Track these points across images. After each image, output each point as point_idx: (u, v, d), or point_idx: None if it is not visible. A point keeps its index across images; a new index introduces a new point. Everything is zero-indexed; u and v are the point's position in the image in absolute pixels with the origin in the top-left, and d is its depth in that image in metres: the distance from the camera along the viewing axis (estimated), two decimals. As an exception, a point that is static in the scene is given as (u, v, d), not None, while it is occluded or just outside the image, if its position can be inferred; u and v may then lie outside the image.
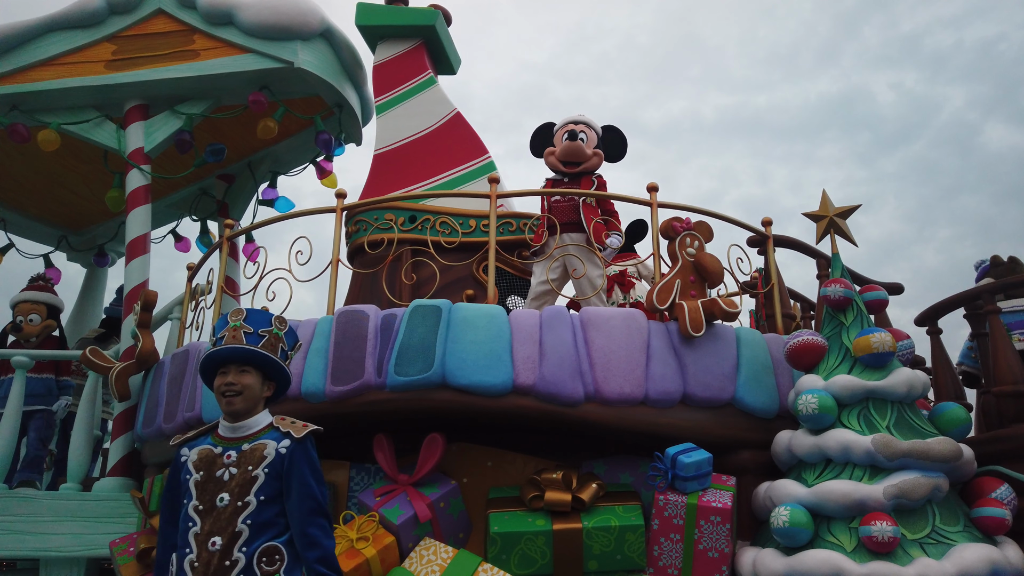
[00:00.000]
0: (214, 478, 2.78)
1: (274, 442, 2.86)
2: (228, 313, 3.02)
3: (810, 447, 3.81)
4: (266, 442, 2.86)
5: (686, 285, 4.32)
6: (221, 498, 2.75)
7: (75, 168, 7.03)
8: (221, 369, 2.94)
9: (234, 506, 2.73)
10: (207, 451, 2.87)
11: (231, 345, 2.93)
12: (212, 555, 2.66)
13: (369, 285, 5.22)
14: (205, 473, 2.80)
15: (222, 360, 2.94)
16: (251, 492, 2.75)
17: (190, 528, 2.73)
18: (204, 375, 3.02)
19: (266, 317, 3.03)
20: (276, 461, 2.82)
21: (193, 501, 2.76)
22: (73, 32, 6.06)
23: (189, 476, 2.82)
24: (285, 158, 7.32)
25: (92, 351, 5.36)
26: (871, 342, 3.87)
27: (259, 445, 2.85)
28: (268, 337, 2.98)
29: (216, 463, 2.82)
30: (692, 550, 3.78)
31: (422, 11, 6.31)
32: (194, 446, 2.91)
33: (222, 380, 2.91)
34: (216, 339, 2.99)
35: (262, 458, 2.81)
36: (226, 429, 2.92)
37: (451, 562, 3.71)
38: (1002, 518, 3.59)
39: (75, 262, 8.27)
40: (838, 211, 4.55)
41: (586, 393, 4.01)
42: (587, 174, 5.17)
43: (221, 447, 2.87)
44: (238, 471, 2.78)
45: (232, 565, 2.67)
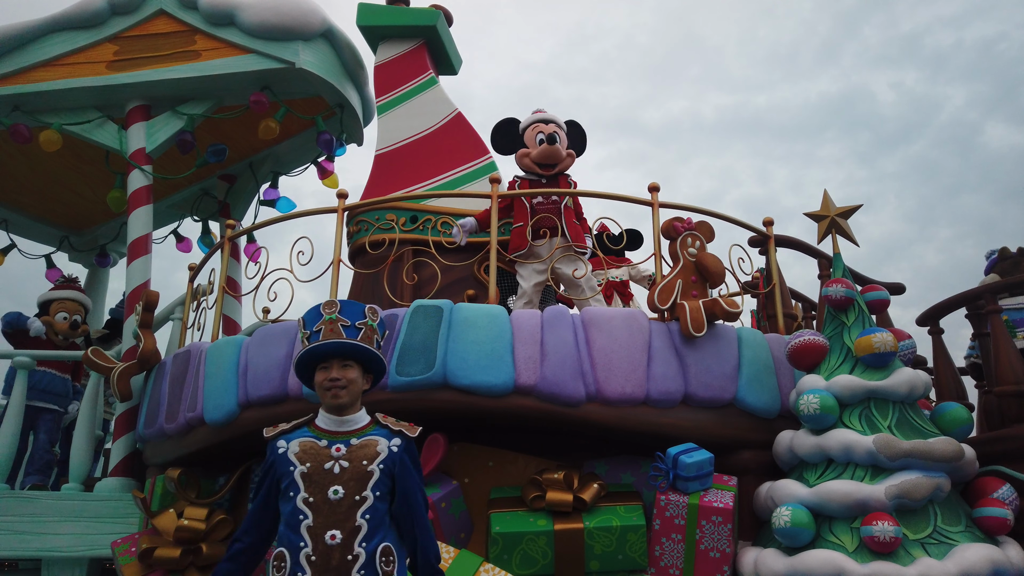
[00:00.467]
0: (323, 470, 2.73)
1: (385, 440, 2.85)
2: (320, 305, 2.94)
3: (812, 447, 3.81)
4: (376, 438, 2.84)
5: (687, 285, 4.31)
6: (335, 490, 2.70)
7: (77, 169, 7.04)
8: (322, 364, 2.87)
9: (351, 500, 2.70)
10: (311, 443, 2.80)
11: (336, 340, 2.87)
12: (331, 549, 2.62)
13: (370, 285, 5.23)
14: (312, 465, 2.74)
15: (325, 355, 2.87)
16: (367, 487, 2.73)
17: (302, 521, 2.66)
18: (299, 368, 2.94)
19: (360, 308, 2.96)
20: (389, 459, 2.80)
21: (302, 493, 2.69)
22: (75, 33, 6.07)
23: (293, 468, 2.74)
24: (286, 158, 7.33)
25: (94, 351, 5.37)
26: (873, 342, 3.87)
27: (371, 441, 2.82)
28: (365, 329, 2.93)
29: (323, 455, 2.76)
30: (694, 550, 3.78)
31: (423, 11, 6.31)
32: (291, 438, 2.83)
33: (325, 375, 2.84)
34: (310, 332, 2.90)
35: (376, 454, 2.79)
36: (330, 423, 2.86)
37: (452, 562, 3.71)
38: (1004, 518, 3.59)
39: (77, 263, 8.29)
40: (839, 211, 4.55)
41: (587, 393, 4.01)
42: (562, 174, 5.17)
43: (326, 440, 2.81)
44: (350, 465, 2.75)
45: (354, 560, 2.64)
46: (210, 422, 4.41)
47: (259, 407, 4.26)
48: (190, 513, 4.29)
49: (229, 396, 4.35)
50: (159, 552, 4.19)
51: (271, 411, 4.18)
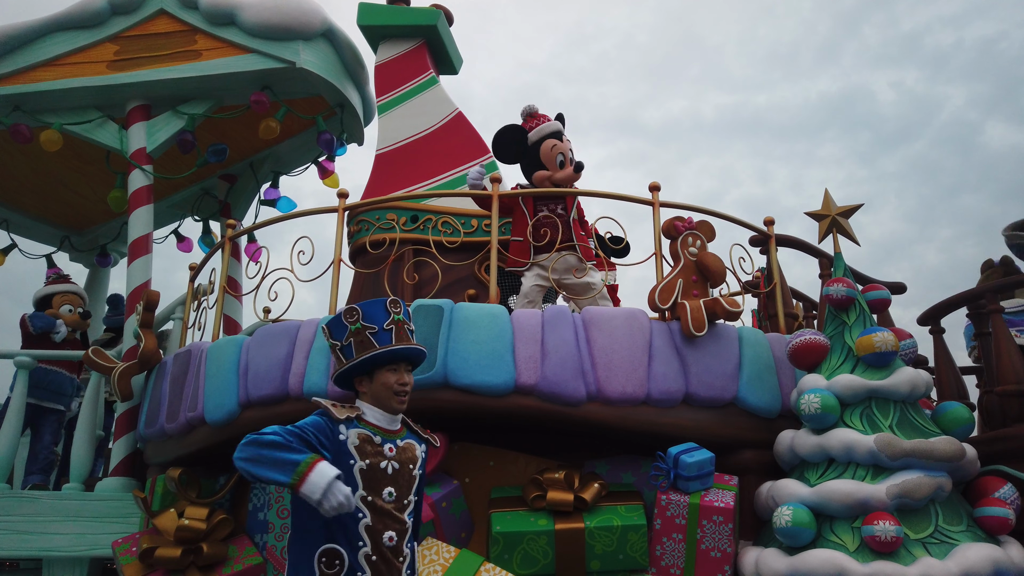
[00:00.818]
0: (379, 469, 2.70)
1: (419, 445, 2.90)
2: (384, 301, 2.88)
3: (813, 447, 3.80)
4: (413, 443, 2.88)
5: (688, 285, 4.31)
6: (389, 492, 2.69)
7: (77, 168, 7.04)
8: (392, 366, 2.82)
9: (400, 503, 2.72)
10: (367, 436, 2.74)
11: (416, 347, 2.87)
12: (388, 550, 2.64)
13: (371, 285, 5.22)
14: (371, 462, 2.69)
15: (401, 358, 2.84)
16: (412, 491, 2.78)
17: (361, 519, 2.61)
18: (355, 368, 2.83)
19: (407, 312, 2.96)
20: (423, 464, 2.89)
21: (360, 491, 2.64)
22: (75, 32, 6.07)
23: (353, 461, 2.66)
24: (287, 158, 7.33)
25: (95, 351, 5.37)
26: (874, 341, 3.87)
27: (410, 444, 2.86)
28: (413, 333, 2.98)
29: (379, 454, 2.73)
30: (694, 550, 3.77)
31: (424, 11, 6.31)
32: (349, 427, 2.74)
33: (398, 378, 2.81)
34: (378, 329, 2.82)
35: (416, 459, 2.85)
36: (384, 420, 2.82)
37: (453, 562, 3.71)
38: (1005, 518, 3.59)
39: (77, 262, 8.29)
40: (840, 210, 4.55)
41: (588, 393, 4.01)
42: None
43: (380, 437, 2.77)
44: (400, 467, 2.76)
45: (404, 560, 2.68)
46: (211, 422, 4.41)
47: (260, 407, 4.26)
48: (191, 513, 4.28)
49: (230, 396, 4.35)
50: (160, 552, 4.19)
51: (272, 411, 4.18)
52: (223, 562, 4.22)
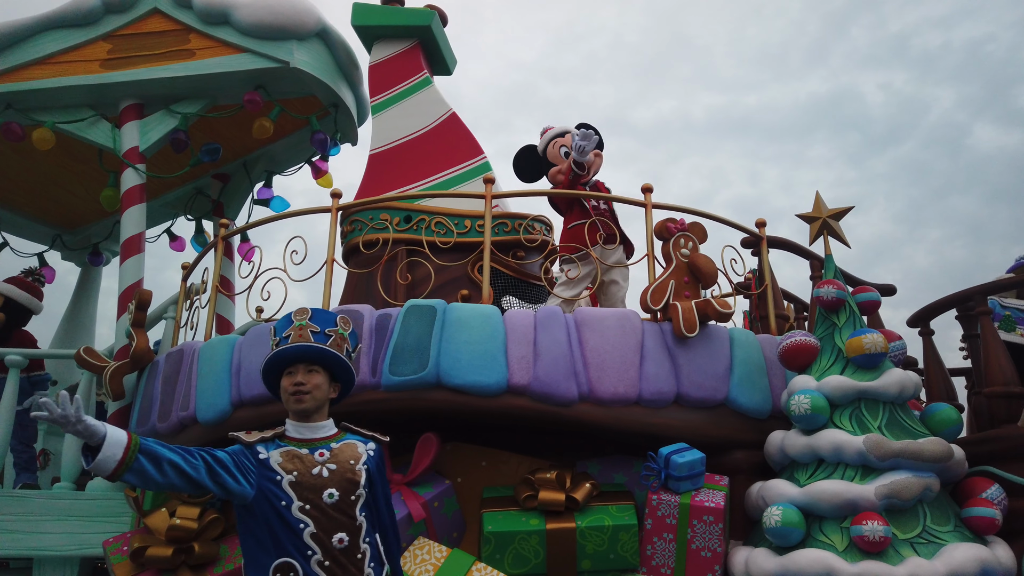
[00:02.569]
0: (311, 475, 2.73)
1: (362, 444, 2.92)
2: (291, 312, 2.97)
3: (802, 447, 3.83)
4: (354, 442, 2.91)
5: (680, 286, 4.33)
6: (330, 494, 2.72)
7: (70, 167, 7.02)
8: (288, 369, 2.89)
9: (347, 500, 2.74)
10: (292, 452, 2.79)
11: (302, 343, 2.88)
12: (341, 552, 2.66)
13: (364, 285, 5.23)
14: (299, 473, 2.72)
15: (290, 359, 2.88)
16: (360, 486, 2.79)
17: (303, 530, 2.65)
18: (267, 376, 2.98)
19: (331, 317, 3.00)
20: (369, 461, 2.88)
21: (296, 502, 2.67)
22: (68, 31, 6.05)
23: (280, 477, 2.70)
24: (281, 158, 7.31)
25: (86, 350, 5.36)
26: (863, 343, 3.90)
27: (350, 444, 2.89)
28: (335, 337, 2.95)
29: (308, 462, 2.76)
30: (685, 550, 3.79)
31: (418, 11, 6.31)
32: (270, 448, 2.79)
33: (290, 380, 2.86)
34: (280, 339, 2.92)
35: (359, 455, 2.86)
36: (302, 431, 2.86)
37: (445, 561, 3.72)
38: (992, 518, 3.62)
39: (69, 261, 8.26)
40: (831, 212, 4.57)
41: (580, 393, 4.02)
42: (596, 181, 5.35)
43: (306, 448, 2.81)
44: (337, 467, 2.78)
45: (363, 557, 2.71)
46: (203, 421, 4.41)
47: (252, 407, 4.26)
48: (182, 512, 4.27)
49: (222, 395, 4.35)
50: (151, 551, 4.18)
51: (264, 411, 4.18)
52: (214, 562, 4.21)
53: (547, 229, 5.46)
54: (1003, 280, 4.91)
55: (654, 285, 4.31)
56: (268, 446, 2.81)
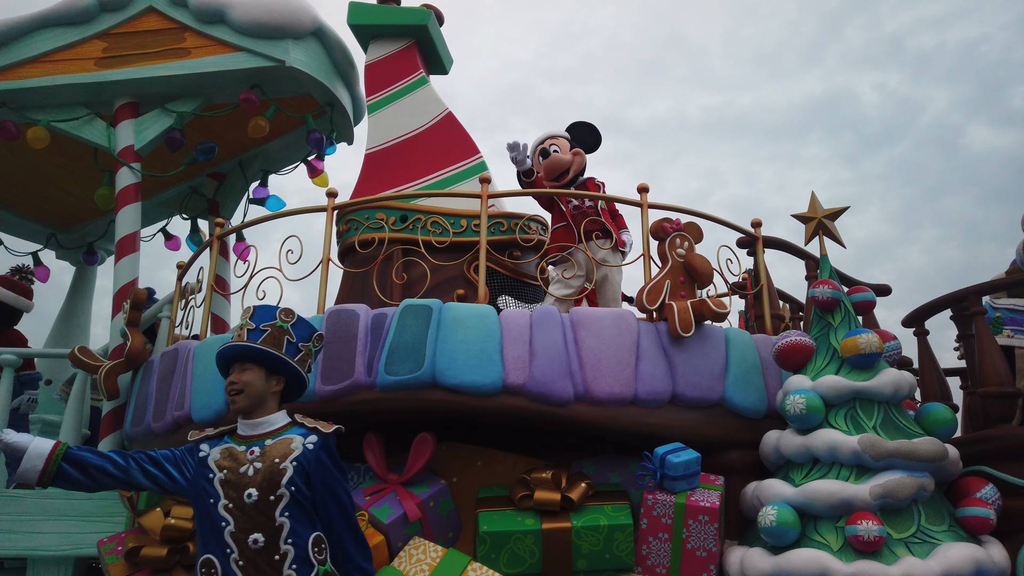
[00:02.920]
0: (238, 474, 2.77)
1: (300, 437, 2.87)
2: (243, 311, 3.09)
3: (798, 447, 3.83)
4: (292, 436, 2.87)
5: (676, 286, 4.34)
6: (248, 494, 2.72)
7: (64, 166, 7.00)
8: (226, 371, 2.98)
9: (266, 501, 2.72)
10: (230, 449, 2.85)
11: (225, 345, 2.96)
12: (256, 552, 2.65)
13: (360, 284, 5.22)
14: (229, 471, 2.78)
15: (228, 361, 2.96)
16: (281, 485, 2.75)
17: (224, 528, 2.69)
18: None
19: (271, 311, 3.02)
20: (303, 456, 2.82)
21: (222, 500, 2.73)
22: (63, 29, 6.03)
23: (213, 475, 2.78)
24: (276, 157, 7.31)
25: (81, 349, 5.34)
26: (858, 343, 3.90)
27: (284, 439, 2.86)
28: (271, 331, 2.96)
29: (240, 460, 2.81)
30: (680, 549, 3.80)
31: (414, 11, 6.31)
32: (214, 445, 2.89)
33: (228, 379, 2.95)
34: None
35: (289, 451, 2.81)
36: (245, 427, 2.92)
37: (440, 561, 3.72)
38: (986, 518, 3.62)
39: (64, 260, 8.24)
40: (827, 213, 4.58)
41: (576, 393, 4.02)
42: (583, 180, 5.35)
43: (243, 445, 2.86)
44: (263, 465, 2.78)
45: (282, 559, 2.66)
46: (198, 420, 4.40)
47: (247, 406, 4.25)
48: (177, 512, 4.26)
49: (217, 395, 4.33)
50: (145, 551, 4.17)
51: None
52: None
53: (543, 229, 5.46)
54: (998, 280, 4.92)
55: (650, 285, 4.31)
56: (213, 443, 2.90)
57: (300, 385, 3.08)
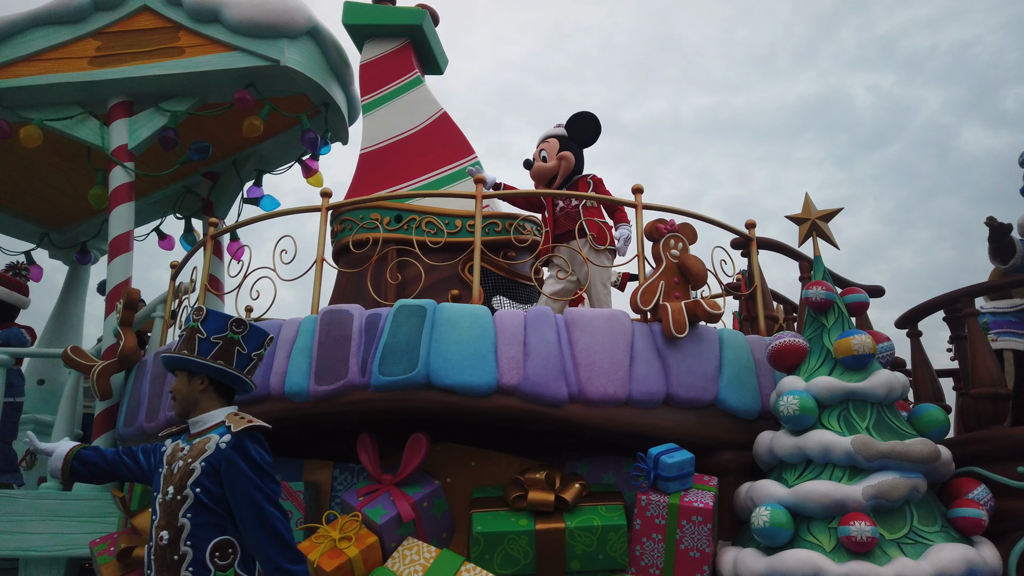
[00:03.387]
0: (170, 471, 2.87)
1: (217, 436, 2.85)
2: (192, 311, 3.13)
3: (791, 448, 3.84)
4: (211, 436, 2.87)
5: (670, 286, 4.34)
6: (167, 491, 2.80)
7: (58, 165, 6.97)
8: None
9: (175, 499, 2.77)
10: (177, 445, 2.97)
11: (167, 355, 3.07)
12: (162, 549, 2.71)
13: (354, 285, 5.22)
14: (167, 467, 2.89)
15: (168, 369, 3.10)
16: (187, 485, 2.77)
17: (154, 521, 2.82)
18: None
19: (223, 322, 3.01)
20: (213, 455, 2.79)
21: (157, 495, 2.85)
22: (57, 28, 6.01)
23: (161, 469, 2.91)
24: (271, 156, 7.29)
25: (73, 349, 5.32)
26: (852, 344, 3.91)
27: (204, 439, 2.87)
28: (222, 344, 3.00)
29: (175, 457, 2.90)
30: (674, 550, 3.80)
31: (409, 11, 6.30)
32: (174, 440, 3.01)
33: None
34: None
35: (202, 451, 2.82)
36: (191, 426, 3.01)
37: (434, 562, 3.71)
38: (979, 519, 3.64)
39: (57, 259, 8.21)
40: (820, 214, 4.59)
41: (570, 393, 4.02)
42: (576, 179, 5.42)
43: (185, 444, 2.95)
44: (182, 464, 2.83)
45: (180, 559, 2.67)
46: (191, 421, 4.38)
47: (240, 406, 4.23)
48: (170, 512, 4.25)
49: (210, 395, 4.32)
50: (138, 551, 4.16)
51: (252, 410, 4.13)
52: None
53: (537, 229, 5.46)
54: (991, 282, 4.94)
55: (644, 286, 4.31)
56: (174, 438, 3.02)
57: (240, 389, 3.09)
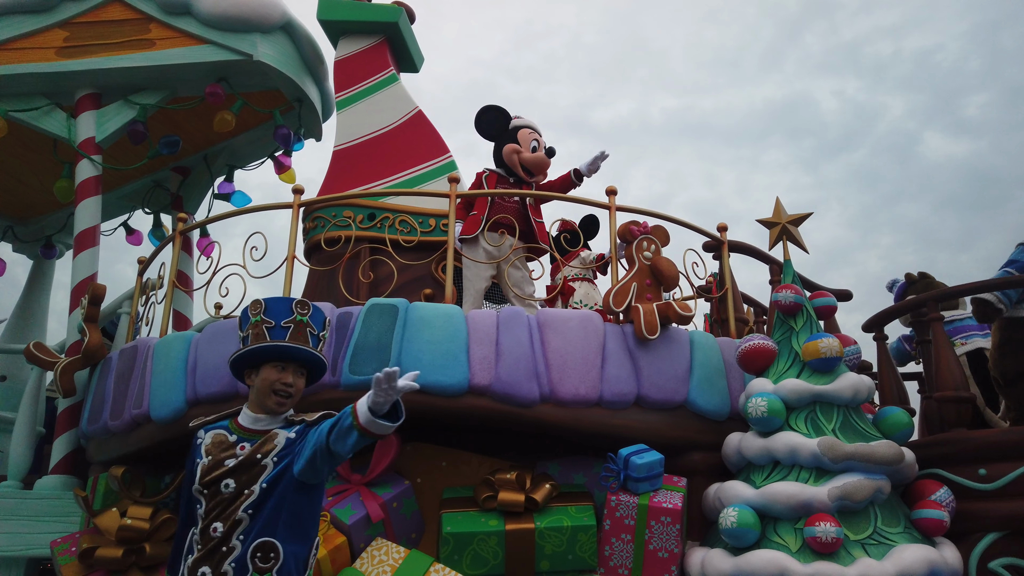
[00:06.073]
0: (221, 464, 2.75)
1: (285, 432, 2.83)
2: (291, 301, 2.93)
3: (759, 449, 3.88)
4: (278, 431, 2.84)
5: (642, 288, 4.36)
6: (226, 484, 2.71)
7: (23, 156, 6.83)
8: (278, 363, 2.86)
9: (239, 493, 2.70)
10: (222, 436, 2.83)
11: (308, 349, 2.89)
12: (213, 540, 2.65)
13: (325, 283, 5.17)
14: (213, 458, 2.76)
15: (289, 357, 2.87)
16: (257, 481, 2.71)
17: (198, 509, 2.74)
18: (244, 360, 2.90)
19: (322, 318, 3.00)
20: (286, 448, 2.78)
21: (196, 484, 2.74)
22: (24, 17, 5.89)
23: (200, 460, 2.79)
24: (242, 152, 7.21)
25: (36, 345, 5.22)
26: (820, 347, 3.96)
27: (271, 435, 2.82)
28: (323, 341, 2.98)
29: (228, 449, 2.78)
30: (642, 550, 3.82)
31: (385, 7, 6.27)
32: (210, 430, 2.86)
33: (279, 377, 2.85)
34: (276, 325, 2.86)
35: (272, 448, 2.78)
36: (248, 419, 2.87)
37: (403, 562, 3.69)
38: (941, 520, 3.70)
39: (21, 253, 8.04)
40: (791, 218, 4.64)
41: (541, 394, 4.02)
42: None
43: (237, 436, 2.83)
44: (246, 458, 2.75)
45: (228, 552, 2.64)
46: (157, 419, 4.32)
47: (208, 404, 4.18)
48: (134, 512, 4.19)
49: (177, 393, 4.26)
50: (100, 552, 4.09)
51: (220, 408, 4.05)
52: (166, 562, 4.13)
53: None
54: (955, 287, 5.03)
55: (617, 287, 4.33)
56: (210, 427, 2.88)
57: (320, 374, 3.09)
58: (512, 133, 5.28)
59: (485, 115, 5.34)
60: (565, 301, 5.60)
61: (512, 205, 5.08)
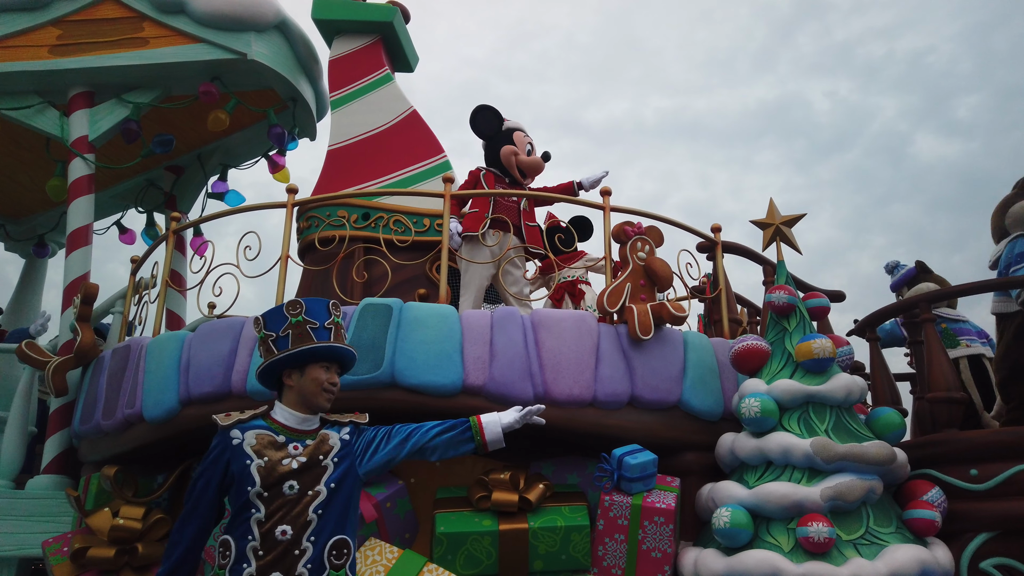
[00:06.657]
0: (280, 465, 2.73)
1: (335, 433, 2.89)
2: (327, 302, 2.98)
3: (752, 449, 3.89)
4: (328, 433, 2.89)
5: (636, 289, 4.37)
6: (291, 486, 2.71)
7: (15, 155, 6.80)
8: (325, 364, 2.92)
9: (304, 495, 2.71)
10: (268, 437, 2.80)
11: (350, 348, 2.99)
12: (280, 544, 2.63)
13: (319, 282, 5.16)
14: (270, 460, 2.74)
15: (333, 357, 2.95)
16: (321, 482, 2.74)
17: (253, 515, 2.67)
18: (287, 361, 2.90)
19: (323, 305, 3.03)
20: (343, 449, 2.85)
21: (256, 488, 2.69)
22: (16, 15, 5.86)
23: (250, 461, 2.73)
24: (236, 151, 7.19)
25: (28, 344, 5.19)
26: (813, 348, 3.97)
27: (324, 435, 2.87)
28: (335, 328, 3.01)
29: (280, 450, 2.77)
30: (636, 550, 3.82)
31: (380, 7, 6.26)
32: (246, 429, 2.81)
33: (328, 376, 2.91)
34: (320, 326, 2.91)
35: (329, 448, 2.83)
36: (294, 420, 2.87)
37: (396, 562, 3.69)
38: (932, 520, 3.71)
39: (13, 252, 8.01)
40: (784, 219, 4.66)
41: (535, 394, 4.02)
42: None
43: (284, 436, 2.82)
44: (307, 460, 2.77)
45: (301, 554, 2.64)
46: (149, 419, 4.30)
47: (200, 404, 4.17)
48: (126, 512, 4.17)
49: (169, 392, 4.25)
50: (93, 552, 4.07)
51: (213, 408, 4.08)
52: (159, 563, 4.12)
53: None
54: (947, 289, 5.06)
55: (611, 288, 4.34)
56: (244, 427, 2.82)
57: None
58: (507, 135, 5.37)
59: (480, 114, 5.45)
60: (576, 303, 5.64)
61: (512, 205, 5.16)
